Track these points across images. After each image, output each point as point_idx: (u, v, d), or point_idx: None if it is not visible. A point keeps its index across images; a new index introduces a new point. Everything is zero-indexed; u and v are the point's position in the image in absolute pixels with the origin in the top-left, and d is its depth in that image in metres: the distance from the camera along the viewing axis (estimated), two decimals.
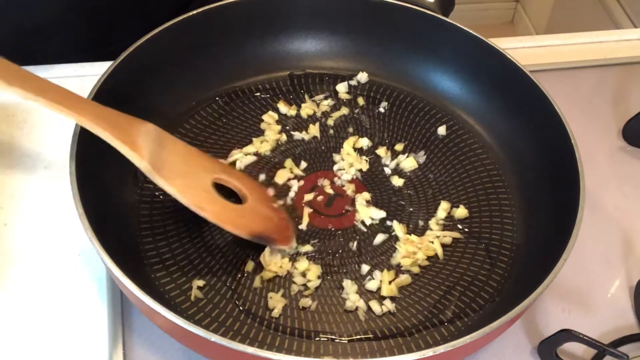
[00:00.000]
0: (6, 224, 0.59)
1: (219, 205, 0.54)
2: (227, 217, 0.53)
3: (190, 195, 0.52)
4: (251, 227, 0.54)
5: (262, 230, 0.54)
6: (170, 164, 0.52)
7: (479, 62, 0.67)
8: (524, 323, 0.57)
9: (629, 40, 0.84)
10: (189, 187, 0.53)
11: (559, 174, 0.58)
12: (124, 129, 0.50)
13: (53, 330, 0.52)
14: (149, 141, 0.51)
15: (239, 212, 0.55)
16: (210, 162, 0.58)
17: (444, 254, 0.58)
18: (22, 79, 0.48)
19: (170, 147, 0.54)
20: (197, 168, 0.55)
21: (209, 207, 0.53)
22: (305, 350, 0.51)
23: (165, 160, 0.52)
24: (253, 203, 0.56)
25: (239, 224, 0.53)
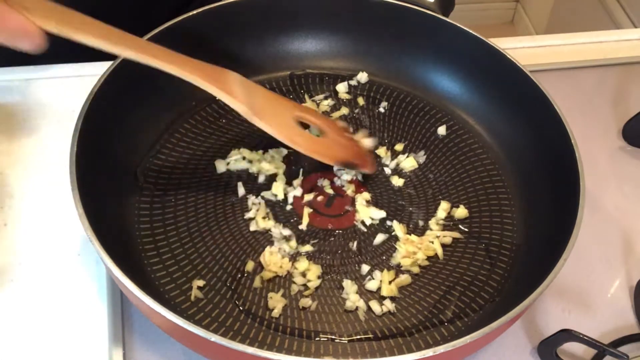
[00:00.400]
0: (6, 224, 0.59)
1: (308, 138, 0.60)
2: (316, 148, 0.59)
3: (284, 131, 0.58)
4: (338, 155, 0.60)
5: (347, 157, 0.61)
6: (260, 106, 0.57)
7: (479, 62, 0.67)
8: (524, 323, 0.57)
9: (629, 40, 0.84)
10: (281, 125, 0.58)
11: (559, 174, 0.58)
12: (219, 79, 0.55)
13: (53, 330, 0.52)
14: (240, 87, 0.56)
15: (325, 144, 0.61)
16: (289, 102, 0.62)
17: (444, 254, 0.58)
18: (122, 39, 0.51)
19: (256, 91, 0.58)
20: (281, 108, 0.60)
21: (301, 141, 0.58)
22: (305, 350, 0.51)
23: (255, 102, 0.56)
24: (333, 135, 0.62)
25: (327, 153, 0.60)
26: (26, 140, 0.65)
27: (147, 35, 0.61)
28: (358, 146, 0.63)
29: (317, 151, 0.59)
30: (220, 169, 0.62)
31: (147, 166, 0.61)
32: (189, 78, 0.53)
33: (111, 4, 0.80)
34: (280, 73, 0.71)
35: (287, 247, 0.57)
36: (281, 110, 0.59)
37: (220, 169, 0.62)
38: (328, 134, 0.61)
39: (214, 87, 0.53)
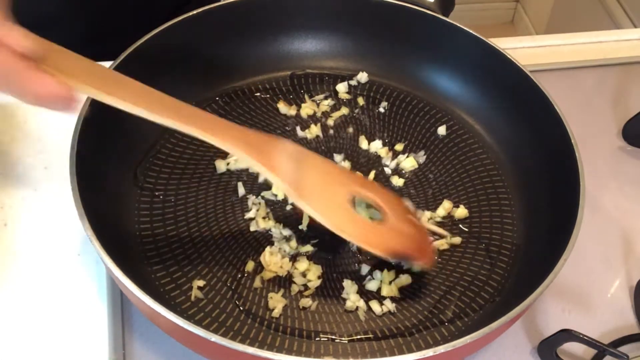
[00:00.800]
0: (6, 224, 0.58)
1: (360, 225, 0.52)
2: (369, 238, 0.52)
3: (331, 215, 0.51)
4: (393, 247, 0.52)
5: (404, 249, 0.53)
6: (310, 183, 0.51)
7: (479, 62, 0.67)
8: (524, 323, 0.57)
9: (629, 40, 0.84)
10: (330, 209, 0.51)
11: (559, 174, 0.58)
12: (263, 150, 0.50)
13: (53, 330, 0.52)
14: (288, 160, 0.51)
15: (380, 231, 0.53)
16: (347, 175, 0.56)
17: (443, 254, 0.58)
18: (162, 105, 0.48)
19: (308, 164, 0.53)
20: (334, 184, 0.53)
21: (350, 229, 0.51)
22: (305, 350, 0.51)
23: (305, 179, 0.51)
24: (393, 220, 0.53)
25: (380, 243, 0.52)
26: (26, 140, 0.65)
27: (147, 35, 0.61)
28: (422, 234, 0.56)
29: (370, 242, 0.52)
30: (221, 168, 0.62)
31: (147, 166, 0.61)
32: (229, 149, 0.49)
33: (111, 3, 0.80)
34: (281, 73, 0.71)
35: (287, 247, 0.57)
36: (334, 188, 0.53)
37: (221, 168, 0.62)
38: (388, 217, 0.53)
39: (255, 160, 0.49)
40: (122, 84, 0.47)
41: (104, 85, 0.46)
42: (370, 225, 0.53)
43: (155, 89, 0.50)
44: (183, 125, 0.48)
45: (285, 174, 0.50)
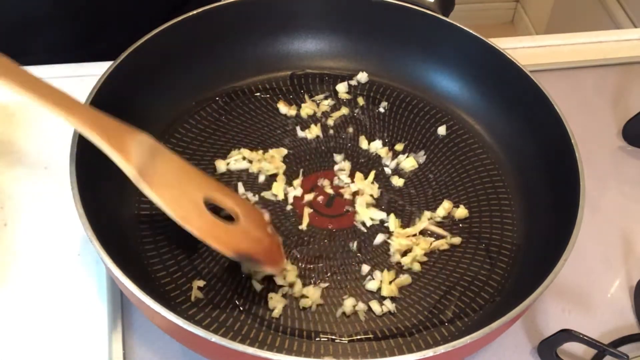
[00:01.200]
0: (6, 224, 0.58)
1: (206, 221, 0.51)
2: (213, 233, 0.51)
3: (176, 206, 0.50)
4: (237, 247, 0.51)
5: (249, 251, 0.52)
6: (160, 175, 0.50)
7: (479, 62, 0.67)
8: (524, 323, 0.57)
9: (629, 40, 0.84)
10: (176, 198, 0.50)
11: (559, 174, 0.58)
12: (115, 134, 0.49)
13: (53, 330, 0.52)
14: (140, 150, 0.50)
15: (228, 231, 0.52)
16: (205, 179, 0.55)
17: (443, 255, 0.58)
18: (20, 76, 0.48)
19: (164, 159, 0.52)
20: (189, 183, 0.53)
21: (196, 221, 0.50)
22: (305, 350, 0.51)
23: (155, 170, 0.50)
24: (245, 224, 0.53)
25: (226, 242, 0.51)
26: (26, 140, 0.65)
27: (147, 35, 0.61)
28: (272, 242, 0.55)
29: (214, 237, 0.50)
30: (221, 169, 0.62)
31: None
32: (77, 127, 0.49)
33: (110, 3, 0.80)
34: (281, 73, 0.70)
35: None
36: (187, 185, 0.52)
37: (221, 169, 0.62)
38: (240, 221, 0.53)
39: (102, 141, 0.48)
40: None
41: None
42: (218, 224, 0.52)
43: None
44: (30, 94, 0.47)
45: (132, 158, 0.49)
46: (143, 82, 0.62)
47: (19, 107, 0.67)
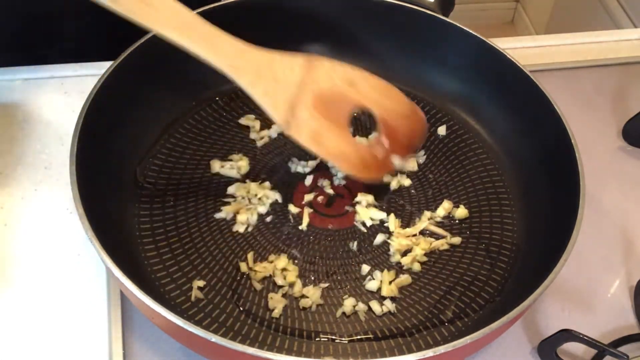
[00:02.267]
0: (6, 224, 0.59)
1: (360, 154, 0.55)
2: (366, 166, 0.55)
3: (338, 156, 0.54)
4: (388, 166, 0.56)
5: (404, 152, 0.56)
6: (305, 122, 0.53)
7: (479, 62, 0.67)
8: (524, 323, 0.57)
9: (629, 40, 0.84)
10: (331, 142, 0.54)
11: (559, 174, 0.58)
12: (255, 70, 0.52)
13: (53, 330, 0.52)
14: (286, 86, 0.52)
15: (375, 154, 0.55)
16: (348, 92, 0.56)
17: (443, 254, 0.58)
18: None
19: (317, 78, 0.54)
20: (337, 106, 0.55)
21: (351, 161, 0.54)
22: (305, 350, 0.51)
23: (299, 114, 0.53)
24: (387, 127, 0.56)
25: (377, 169, 0.55)
26: (26, 140, 0.65)
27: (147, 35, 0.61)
28: (414, 116, 0.59)
29: (369, 169, 0.55)
30: (214, 168, 0.62)
31: (147, 166, 0.61)
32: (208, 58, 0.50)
33: None
34: None
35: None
36: (336, 109, 0.54)
37: (214, 168, 0.62)
38: (381, 127, 0.55)
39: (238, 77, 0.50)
40: None
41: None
42: (368, 152, 0.55)
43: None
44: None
45: (279, 107, 0.51)
46: (143, 82, 0.61)
47: (19, 107, 0.67)
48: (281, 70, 0.52)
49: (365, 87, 0.55)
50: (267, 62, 0.52)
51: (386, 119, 0.56)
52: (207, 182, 0.61)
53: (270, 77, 0.51)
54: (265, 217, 0.59)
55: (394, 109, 0.56)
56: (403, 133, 0.56)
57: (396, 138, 0.56)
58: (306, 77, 0.52)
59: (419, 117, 0.58)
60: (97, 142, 0.55)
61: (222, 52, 0.50)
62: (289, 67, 0.52)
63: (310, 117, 0.52)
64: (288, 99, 0.51)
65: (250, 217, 0.58)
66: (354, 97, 0.55)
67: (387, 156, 0.56)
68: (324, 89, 0.53)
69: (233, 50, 0.51)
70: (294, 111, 0.52)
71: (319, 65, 0.53)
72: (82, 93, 0.55)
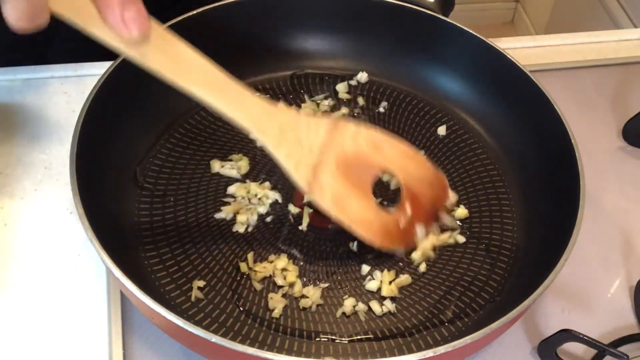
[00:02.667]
0: (6, 224, 0.59)
1: (382, 224, 0.53)
2: (390, 236, 0.54)
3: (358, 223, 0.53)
4: (410, 237, 0.54)
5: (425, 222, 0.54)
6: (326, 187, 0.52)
7: (479, 62, 0.67)
8: (524, 323, 0.57)
9: (629, 40, 0.84)
10: (354, 212, 0.52)
11: (559, 174, 0.58)
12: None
13: (53, 330, 0.52)
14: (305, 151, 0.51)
15: (398, 222, 0.54)
16: (373, 153, 0.54)
17: (443, 254, 0.58)
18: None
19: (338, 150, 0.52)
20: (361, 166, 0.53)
21: (373, 229, 0.53)
22: (305, 350, 0.51)
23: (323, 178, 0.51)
24: (410, 195, 0.54)
25: (400, 238, 0.54)
26: (26, 140, 0.65)
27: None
28: (438, 181, 0.57)
29: (392, 239, 0.53)
30: (214, 168, 0.62)
31: (147, 166, 0.61)
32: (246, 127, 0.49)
33: None
34: (281, 73, 0.70)
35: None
36: (360, 176, 0.53)
37: (214, 168, 0.62)
38: (405, 193, 0.54)
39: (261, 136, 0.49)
40: None
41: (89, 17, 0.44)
42: (390, 220, 0.53)
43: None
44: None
45: (302, 174, 0.50)
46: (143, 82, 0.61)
47: (19, 107, 0.67)
48: (305, 133, 0.51)
49: (390, 151, 0.54)
50: (292, 123, 0.51)
51: (410, 186, 0.54)
52: (207, 182, 0.61)
53: (294, 139, 0.50)
54: (265, 217, 0.59)
55: (418, 175, 0.54)
56: (427, 200, 0.55)
57: (420, 205, 0.55)
58: (330, 139, 0.51)
59: (442, 184, 0.57)
60: (97, 142, 0.55)
61: (248, 112, 0.49)
62: (314, 129, 0.51)
63: (333, 181, 0.51)
64: (311, 162, 0.51)
65: (250, 217, 0.58)
66: (378, 161, 0.53)
67: (411, 225, 0.54)
68: (348, 152, 0.52)
69: (259, 110, 0.50)
70: (316, 174, 0.51)
71: (344, 128, 0.52)
72: (82, 93, 0.55)
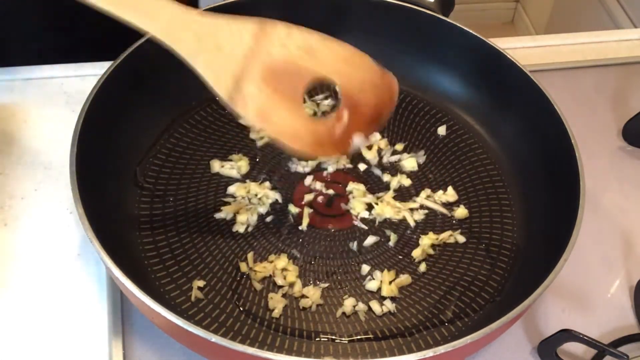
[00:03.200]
0: (6, 224, 0.59)
1: (315, 131, 0.48)
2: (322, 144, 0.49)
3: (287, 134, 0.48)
4: (347, 141, 0.49)
5: (365, 130, 0.49)
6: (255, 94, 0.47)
7: (479, 62, 0.67)
8: (524, 323, 0.57)
9: (629, 40, 0.84)
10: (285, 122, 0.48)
11: (559, 174, 0.58)
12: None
13: (53, 330, 0.52)
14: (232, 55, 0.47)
15: (334, 128, 0.49)
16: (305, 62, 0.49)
17: (443, 254, 0.58)
18: None
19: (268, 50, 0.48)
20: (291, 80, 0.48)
21: (306, 140, 0.48)
22: (305, 350, 0.51)
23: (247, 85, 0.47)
24: (350, 100, 0.49)
25: (334, 145, 0.49)
26: (26, 140, 0.65)
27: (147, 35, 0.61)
28: (383, 88, 0.52)
29: (324, 148, 0.49)
30: (214, 168, 0.62)
31: (147, 166, 0.61)
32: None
33: None
34: None
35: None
36: (290, 84, 0.48)
37: (214, 168, 0.62)
38: (344, 101, 0.49)
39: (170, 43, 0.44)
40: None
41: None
42: (323, 129, 0.49)
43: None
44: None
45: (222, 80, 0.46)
46: (143, 82, 0.61)
47: (19, 107, 0.67)
48: (227, 39, 0.46)
49: (327, 56, 0.48)
50: (211, 29, 0.46)
51: (350, 90, 0.49)
52: (207, 182, 0.61)
53: (214, 46, 0.46)
54: (265, 217, 0.59)
55: (360, 78, 0.49)
56: (370, 105, 0.50)
57: (360, 112, 0.50)
58: (256, 46, 0.47)
59: (389, 85, 0.51)
60: (97, 142, 0.55)
61: (155, 17, 0.44)
62: (237, 35, 0.46)
63: (258, 92, 0.47)
64: (233, 71, 0.46)
65: (250, 217, 0.58)
66: (311, 67, 0.48)
67: (348, 133, 0.50)
68: (277, 59, 0.47)
69: (169, 15, 0.45)
70: (239, 85, 0.46)
71: (272, 32, 0.47)
72: (82, 93, 0.55)
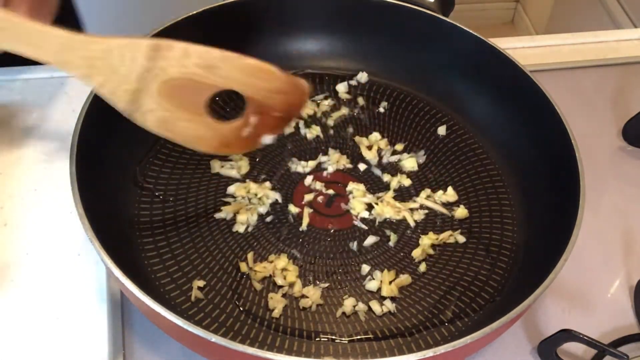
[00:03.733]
0: (6, 224, 0.58)
1: (217, 133, 0.53)
2: (228, 142, 0.53)
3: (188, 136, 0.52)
4: (255, 140, 0.53)
5: (271, 129, 0.54)
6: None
7: (479, 62, 0.67)
8: (524, 323, 0.57)
9: (629, 40, 0.84)
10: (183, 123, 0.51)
11: (559, 174, 0.58)
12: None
13: (53, 330, 0.52)
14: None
15: (240, 129, 0.53)
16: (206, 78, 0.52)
17: (443, 254, 0.58)
18: None
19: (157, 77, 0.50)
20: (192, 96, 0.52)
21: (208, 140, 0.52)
22: (305, 350, 0.51)
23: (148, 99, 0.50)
24: (254, 107, 0.53)
25: (242, 143, 0.54)
26: (26, 140, 0.65)
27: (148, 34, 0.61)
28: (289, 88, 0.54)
29: (230, 146, 0.53)
30: (214, 168, 0.62)
31: (147, 166, 0.61)
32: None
33: None
34: None
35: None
36: (190, 97, 0.51)
37: (214, 168, 0.62)
38: (249, 105, 0.53)
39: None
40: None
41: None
42: (230, 131, 0.53)
43: None
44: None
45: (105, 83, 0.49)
46: None
47: (19, 107, 0.67)
48: (119, 61, 0.48)
49: (229, 69, 0.52)
50: (102, 53, 0.48)
51: (256, 98, 0.52)
52: (207, 182, 0.61)
53: (107, 69, 0.48)
54: (265, 217, 0.59)
55: (266, 87, 0.52)
56: (277, 110, 0.53)
57: (269, 115, 0.53)
58: (151, 65, 0.49)
59: (299, 90, 0.54)
60: (97, 142, 0.55)
61: (44, 47, 0.47)
62: (129, 57, 0.48)
63: (156, 106, 0.50)
64: (128, 89, 0.49)
65: (250, 217, 0.58)
66: (212, 82, 0.51)
67: (256, 133, 0.54)
68: (174, 76, 0.50)
69: (58, 43, 0.47)
70: (137, 100, 0.49)
71: (167, 52, 0.49)
72: (82, 93, 0.55)
